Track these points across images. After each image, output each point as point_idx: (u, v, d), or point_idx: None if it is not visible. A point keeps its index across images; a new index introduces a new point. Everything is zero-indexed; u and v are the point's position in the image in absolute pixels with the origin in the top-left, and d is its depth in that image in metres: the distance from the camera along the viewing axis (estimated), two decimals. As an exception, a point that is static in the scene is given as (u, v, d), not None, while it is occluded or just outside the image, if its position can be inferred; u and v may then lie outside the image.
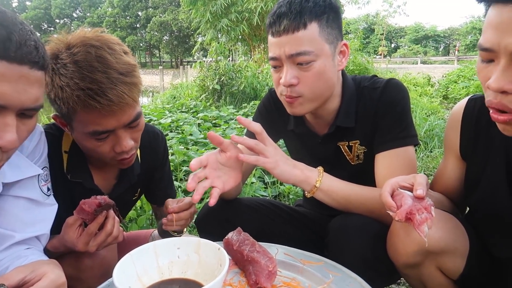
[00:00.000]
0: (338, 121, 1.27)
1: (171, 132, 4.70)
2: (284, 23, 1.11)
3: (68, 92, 0.98)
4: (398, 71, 14.59)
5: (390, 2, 25.24)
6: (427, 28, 66.38)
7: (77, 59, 0.98)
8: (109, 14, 61.58)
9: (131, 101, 1.03)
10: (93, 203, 1.04)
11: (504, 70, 0.76)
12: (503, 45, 0.74)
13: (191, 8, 13.05)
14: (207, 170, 1.08)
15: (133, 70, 1.04)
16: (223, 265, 0.85)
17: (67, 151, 1.19)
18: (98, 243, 1.07)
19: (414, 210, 0.88)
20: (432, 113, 6.32)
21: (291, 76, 1.14)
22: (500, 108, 0.80)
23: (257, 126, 1.10)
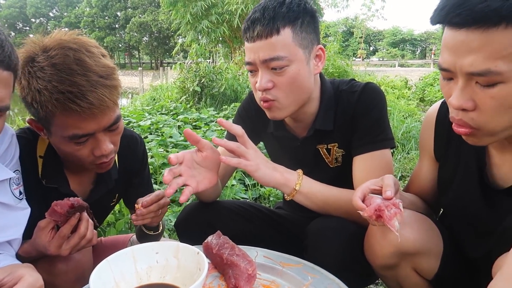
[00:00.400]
0: (316, 124, 1.29)
1: (151, 134, 4.65)
2: (258, 29, 1.13)
3: (47, 96, 0.95)
4: (377, 74, 14.84)
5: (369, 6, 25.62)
6: (404, 32, 67.75)
7: (55, 62, 0.96)
8: (87, 14, 60.41)
9: (112, 104, 1.02)
10: (66, 204, 1.01)
11: (462, 89, 0.81)
12: (458, 66, 0.79)
13: (171, 9, 12.95)
14: (182, 167, 1.07)
15: (112, 73, 1.03)
16: (202, 269, 0.85)
17: (42, 155, 1.16)
18: (71, 246, 1.04)
19: (382, 207, 0.92)
20: (409, 115, 6.46)
21: (266, 80, 1.16)
22: (461, 124, 0.85)
23: (239, 129, 1.11)
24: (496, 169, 0.98)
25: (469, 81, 0.80)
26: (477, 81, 0.78)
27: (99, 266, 0.85)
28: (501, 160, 0.97)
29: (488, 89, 0.77)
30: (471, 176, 1.03)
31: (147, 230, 1.32)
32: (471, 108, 0.81)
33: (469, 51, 0.76)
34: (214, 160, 1.12)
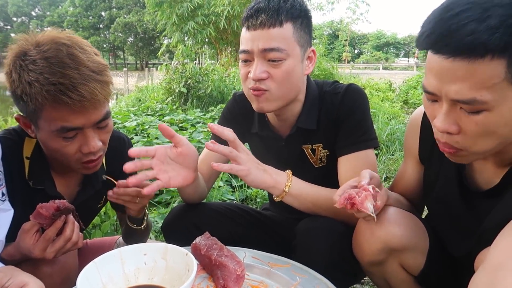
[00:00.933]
0: (299, 123, 1.31)
1: (136, 135, 4.60)
2: (261, 18, 1.13)
3: (37, 87, 0.94)
4: (362, 76, 15.02)
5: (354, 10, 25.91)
6: (388, 35, 68.81)
7: (48, 56, 0.96)
8: (70, 13, 59.52)
9: (103, 99, 1.01)
10: (51, 207, 0.99)
11: (447, 113, 0.82)
12: (444, 92, 0.80)
13: (157, 10, 12.86)
14: (153, 160, 1.06)
15: (104, 69, 1.03)
16: (191, 270, 0.85)
17: (29, 157, 1.14)
18: (56, 249, 1.02)
19: (353, 194, 0.95)
20: (393, 118, 6.55)
21: (261, 70, 1.16)
22: (447, 147, 0.87)
23: (230, 134, 1.10)
24: (478, 174, 1.01)
25: (453, 106, 0.81)
26: (461, 107, 0.80)
27: (86, 268, 0.85)
28: (482, 166, 1.00)
29: (473, 115, 0.78)
30: (451, 179, 1.06)
31: (131, 222, 1.31)
32: (455, 132, 0.83)
33: (455, 79, 0.77)
34: (190, 156, 1.11)
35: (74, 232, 1.05)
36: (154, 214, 2.50)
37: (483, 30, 0.71)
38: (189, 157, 1.11)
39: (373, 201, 0.95)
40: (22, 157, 1.14)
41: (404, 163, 1.28)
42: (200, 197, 1.39)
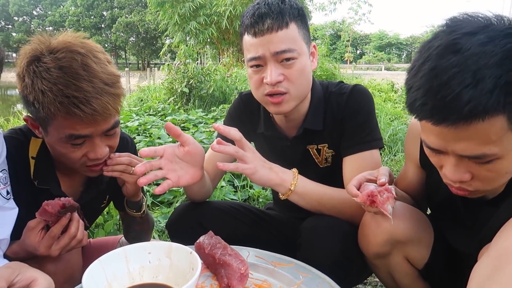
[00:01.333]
0: (305, 124, 1.31)
1: (139, 135, 4.61)
2: (268, 22, 1.14)
3: (51, 97, 0.95)
4: (364, 77, 15.00)
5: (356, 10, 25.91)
6: (390, 36, 68.68)
7: (62, 65, 0.96)
8: (72, 13, 59.52)
9: (114, 112, 1.03)
10: (57, 204, 1.00)
11: (457, 165, 0.81)
12: (450, 149, 0.79)
13: (159, 9, 12.90)
14: (162, 160, 1.08)
15: (117, 81, 1.04)
16: (195, 269, 0.85)
17: (34, 156, 1.15)
18: (61, 246, 1.03)
19: (375, 192, 0.96)
20: (395, 118, 6.55)
21: (277, 73, 1.16)
22: (460, 192, 0.88)
23: (236, 133, 1.11)
24: None
25: (461, 159, 0.80)
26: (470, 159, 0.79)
27: (91, 266, 0.85)
28: None
29: (484, 165, 0.78)
30: None
31: (129, 209, 1.32)
32: (468, 179, 0.82)
33: (459, 139, 0.76)
34: (198, 155, 1.12)
35: (79, 229, 1.06)
36: (156, 213, 2.50)
37: (478, 95, 0.69)
38: (196, 156, 1.12)
39: (393, 204, 0.96)
40: (28, 157, 1.15)
41: (405, 166, 1.28)
42: (205, 195, 1.40)
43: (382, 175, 1.01)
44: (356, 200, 0.99)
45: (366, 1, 23.23)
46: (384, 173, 1.02)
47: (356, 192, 1.00)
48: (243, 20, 1.21)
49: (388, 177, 1.01)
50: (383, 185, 0.98)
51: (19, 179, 1.12)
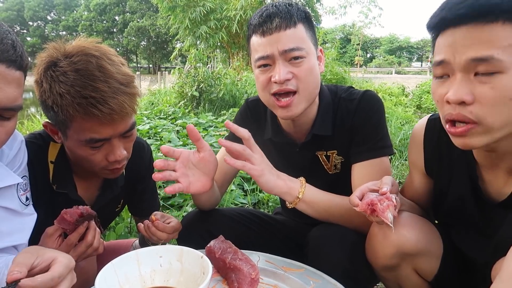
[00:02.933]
0: (314, 130, 1.30)
1: (149, 139, 4.65)
2: (276, 21, 1.15)
3: (69, 99, 0.97)
4: (374, 81, 14.93)
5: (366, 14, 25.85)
6: (401, 40, 68.27)
7: (78, 68, 0.99)
8: (85, 17, 60.41)
9: (131, 111, 1.05)
10: (75, 213, 1.02)
11: (461, 82, 0.83)
12: (458, 58, 0.82)
13: (170, 14, 13.00)
14: (177, 163, 1.09)
15: (132, 81, 1.06)
16: (206, 273, 0.86)
17: (53, 161, 1.17)
18: (77, 254, 1.05)
19: (375, 201, 0.95)
20: (406, 122, 6.49)
21: (285, 71, 1.16)
22: (460, 119, 0.85)
23: (245, 132, 1.11)
24: (488, 185, 1.01)
25: (467, 74, 0.82)
26: (476, 73, 0.81)
27: (104, 269, 0.86)
28: (492, 176, 1.00)
29: (488, 78, 0.80)
30: (465, 190, 1.05)
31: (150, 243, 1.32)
32: (470, 101, 0.82)
33: (472, 42, 0.80)
34: (210, 164, 1.13)
35: (96, 238, 1.08)
36: (167, 216, 2.51)
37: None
38: (209, 164, 1.12)
39: (394, 212, 0.95)
40: (47, 161, 1.17)
41: (410, 175, 1.27)
42: (213, 204, 1.40)
43: (384, 184, 1.00)
44: (356, 209, 0.98)
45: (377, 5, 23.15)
46: (386, 182, 1.01)
47: (356, 201, 0.99)
48: (251, 22, 1.23)
49: (390, 186, 1.00)
50: (383, 194, 0.97)
51: (38, 183, 1.14)
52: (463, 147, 0.89)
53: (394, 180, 1.04)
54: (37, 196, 1.12)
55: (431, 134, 1.14)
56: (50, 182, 1.17)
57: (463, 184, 1.06)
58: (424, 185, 1.22)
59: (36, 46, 62.51)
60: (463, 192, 1.06)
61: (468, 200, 1.05)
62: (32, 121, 6.35)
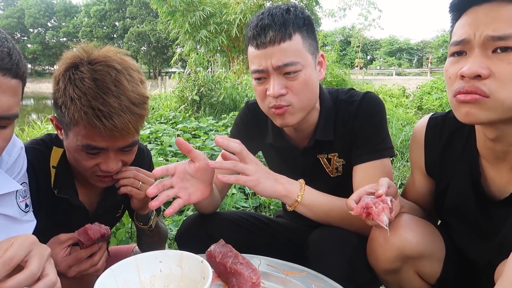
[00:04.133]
0: (317, 135, 1.29)
1: (150, 143, 4.65)
2: (270, 35, 1.11)
3: (78, 105, 0.98)
4: (374, 83, 14.93)
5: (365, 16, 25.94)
6: (401, 41, 68.27)
7: (96, 77, 1.00)
8: (85, 24, 60.70)
9: (133, 132, 1.05)
10: (98, 231, 1.05)
11: (478, 57, 0.83)
12: (478, 34, 0.82)
13: (170, 19, 13.04)
14: (174, 179, 1.07)
15: (144, 102, 1.07)
16: (206, 278, 0.85)
17: (55, 166, 1.18)
18: (80, 270, 1.06)
19: (370, 204, 0.94)
20: (407, 124, 6.49)
21: (279, 86, 1.14)
22: (473, 90, 0.83)
23: (236, 146, 1.08)
24: (491, 181, 1.00)
25: (485, 50, 0.83)
26: (493, 50, 0.81)
27: (103, 275, 0.85)
28: (495, 173, 0.99)
29: (506, 54, 0.80)
30: (466, 188, 1.04)
31: (137, 221, 1.32)
32: (486, 75, 0.82)
33: (492, 20, 0.81)
34: (207, 171, 1.11)
35: (101, 260, 1.10)
36: (168, 221, 2.51)
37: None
38: (206, 171, 1.11)
39: (389, 214, 0.94)
40: (49, 166, 1.18)
41: (411, 175, 1.26)
42: (214, 207, 1.39)
43: (380, 186, 0.99)
44: (352, 213, 0.97)
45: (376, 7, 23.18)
46: (382, 184, 0.99)
47: (353, 205, 0.98)
48: (247, 31, 1.20)
49: (386, 188, 0.98)
50: (379, 196, 0.96)
51: (40, 188, 1.14)
52: (466, 118, 0.87)
53: (391, 182, 1.03)
54: (38, 201, 1.12)
55: (432, 133, 1.13)
56: (51, 187, 1.17)
57: (464, 181, 1.05)
58: (426, 186, 1.21)
59: (37, 52, 62.86)
60: (464, 189, 1.05)
61: (469, 198, 1.03)
62: (33, 128, 6.36)
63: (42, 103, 26.36)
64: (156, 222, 1.36)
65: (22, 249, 0.70)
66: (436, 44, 59.80)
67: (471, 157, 1.03)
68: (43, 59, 64.18)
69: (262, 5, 12.23)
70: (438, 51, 58.55)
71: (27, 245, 0.71)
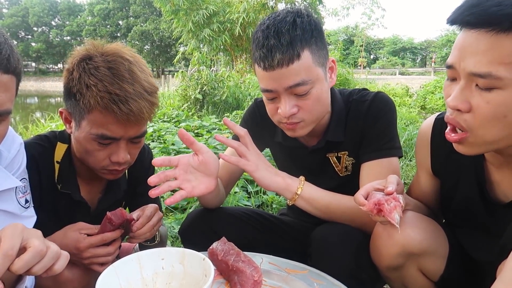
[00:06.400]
0: (328, 136, 1.29)
1: (153, 142, 4.66)
2: (278, 57, 1.06)
3: (94, 91, 1.02)
4: (378, 82, 14.89)
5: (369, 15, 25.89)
6: (404, 41, 67.99)
7: (111, 66, 1.04)
8: (89, 22, 60.87)
9: (147, 117, 1.08)
10: (127, 215, 1.07)
11: (461, 89, 0.83)
12: (462, 65, 0.81)
13: (173, 18, 13.03)
14: (177, 170, 1.08)
15: (155, 92, 1.11)
16: (208, 276, 0.85)
17: (59, 161, 1.20)
18: (95, 254, 1.06)
19: (382, 201, 0.94)
20: (411, 123, 6.46)
21: (291, 106, 1.13)
22: (454, 124, 0.87)
23: (241, 129, 1.13)
24: (496, 185, 1.00)
25: (469, 82, 0.82)
26: (477, 84, 0.80)
27: (105, 272, 0.85)
28: (500, 176, 0.99)
29: (486, 92, 0.79)
30: (472, 191, 1.04)
31: (144, 241, 1.31)
32: (465, 110, 0.83)
33: (476, 52, 0.78)
34: (212, 164, 1.11)
35: (115, 253, 1.10)
36: (170, 219, 2.51)
37: (510, 3, 0.73)
38: (210, 165, 1.11)
39: (401, 213, 0.94)
40: (53, 162, 1.19)
41: (417, 174, 1.26)
42: (219, 202, 1.39)
43: (390, 183, 0.99)
44: (363, 209, 0.97)
45: (379, 6, 23.12)
46: (392, 181, 0.99)
47: (363, 201, 0.98)
48: (253, 48, 1.14)
49: (396, 185, 0.98)
50: (390, 194, 0.96)
51: (43, 183, 1.16)
52: (460, 152, 0.91)
53: (399, 179, 1.03)
54: (41, 196, 1.13)
55: (439, 133, 1.12)
56: (55, 182, 1.18)
57: (471, 185, 1.05)
58: (431, 185, 1.20)
59: (41, 51, 63.08)
60: (470, 193, 1.05)
61: (476, 202, 1.03)
62: (36, 126, 6.39)
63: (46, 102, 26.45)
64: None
65: (16, 237, 0.69)
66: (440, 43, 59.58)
67: (477, 160, 1.03)
68: (47, 57, 64.51)
69: (265, 4, 12.21)
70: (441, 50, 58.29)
71: (18, 232, 0.70)
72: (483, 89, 0.79)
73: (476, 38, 0.78)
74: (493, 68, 0.76)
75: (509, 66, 0.75)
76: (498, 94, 0.78)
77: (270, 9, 12.26)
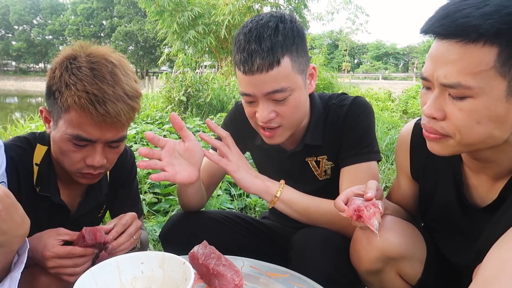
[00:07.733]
0: (306, 140, 1.30)
1: (136, 143, 4.61)
2: (257, 62, 1.06)
3: (72, 90, 1.00)
4: (361, 86, 15.08)
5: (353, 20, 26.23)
6: (387, 46, 69.08)
7: (93, 67, 1.04)
8: (71, 22, 59.85)
9: (125, 121, 1.06)
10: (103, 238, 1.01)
11: (435, 99, 0.85)
12: (435, 76, 0.83)
13: (158, 18, 12.93)
14: (163, 152, 1.09)
15: (136, 97, 1.09)
16: (188, 280, 0.85)
17: (38, 163, 1.17)
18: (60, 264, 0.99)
19: (362, 207, 0.96)
20: (392, 127, 6.57)
21: (269, 111, 1.13)
22: (432, 132, 0.89)
23: (223, 132, 1.16)
24: (473, 189, 1.02)
25: (443, 91, 0.84)
26: (449, 93, 0.83)
27: (82, 277, 0.84)
28: (477, 181, 1.01)
29: (458, 101, 0.82)
30: (450, 195, 1.06)
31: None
32: (441, 118, 0.85)
33: (447, 62, 0.80)
34: (196, 152, 1.13)
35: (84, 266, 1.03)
36: (152, 222, 2.48)
37: (477, 15, 0.75)
38: (195, 153, 1.13)
39: (380, 219, 0.95)
40: (32, 164, 1.16)
41: (397, 178, 1.28)
42: (199, 203, 1.38)
43: (369, 189, 1.00)
44: (343, 215, 0.98)
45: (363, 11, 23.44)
46: (371, 187, 1.01)
47: (343, 206, 0.99)
48: (234, 51, 1.14)
49: (375, 191, 1.00)
50: (369, 199, 0.97)
51: (21, 185, 1.12)
52: (433, 151, 0.93)
53: (379, 184, 1.04)
54: (20, 199, 1.08)
55: (418, 138, 1.14)
56: (34, 185, 1.15)
57: (449, 189, 1.06)
58: (411, 189, 1.22)
59: (21, 50, 61.69)
60: (448, 197, 1.07)
61: (453, 206, 1.05)
62: (16, 126, 6.24)
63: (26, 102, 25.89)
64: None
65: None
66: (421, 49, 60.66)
67: (455, 164, 1.05)
68: (28, 56, 63.09)
69: (251, 7, 12.23)
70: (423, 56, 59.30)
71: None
72: (456, 98, 0.82)
73: (447, 48, 0.80)
74: (462, 78, 0.78)
75: (478, 76, 0.77)
76: (469, 103, 0.80)
77: (256, 12, 12.26)
